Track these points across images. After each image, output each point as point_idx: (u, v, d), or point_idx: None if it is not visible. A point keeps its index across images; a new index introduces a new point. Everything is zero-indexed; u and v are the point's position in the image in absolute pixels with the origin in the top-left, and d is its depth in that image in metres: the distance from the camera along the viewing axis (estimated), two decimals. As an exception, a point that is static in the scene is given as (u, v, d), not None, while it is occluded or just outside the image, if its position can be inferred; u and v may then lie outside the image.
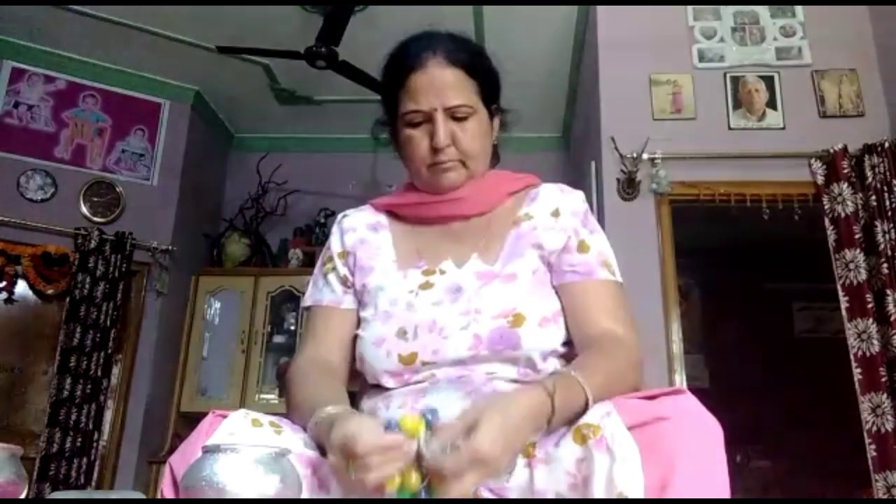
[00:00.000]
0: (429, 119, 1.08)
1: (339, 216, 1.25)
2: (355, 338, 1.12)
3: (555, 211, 1.14)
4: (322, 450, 0.89)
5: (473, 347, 1.00)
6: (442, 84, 1.07)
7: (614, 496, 0.77)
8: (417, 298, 1.07)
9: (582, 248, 1.11)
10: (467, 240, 1.14)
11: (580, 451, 0.84)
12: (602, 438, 0.82)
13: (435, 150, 1.08)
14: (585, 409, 0.87)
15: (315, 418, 0.91)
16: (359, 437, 0.77)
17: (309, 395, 1.01)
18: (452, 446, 0.77)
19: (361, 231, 1.20)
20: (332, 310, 1.16)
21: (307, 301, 1.20)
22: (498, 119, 1.18)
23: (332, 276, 1.18)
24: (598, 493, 0.79)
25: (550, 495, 0.85)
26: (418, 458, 0.79)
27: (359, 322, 1.13)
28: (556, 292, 1.09)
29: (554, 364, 1.04)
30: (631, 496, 0.77)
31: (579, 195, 1.19)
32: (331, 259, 1.20)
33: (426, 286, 1.09)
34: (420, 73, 1.07)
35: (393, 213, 1.22)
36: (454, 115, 1.08)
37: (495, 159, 1.21)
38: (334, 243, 1.21)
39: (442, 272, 1.10)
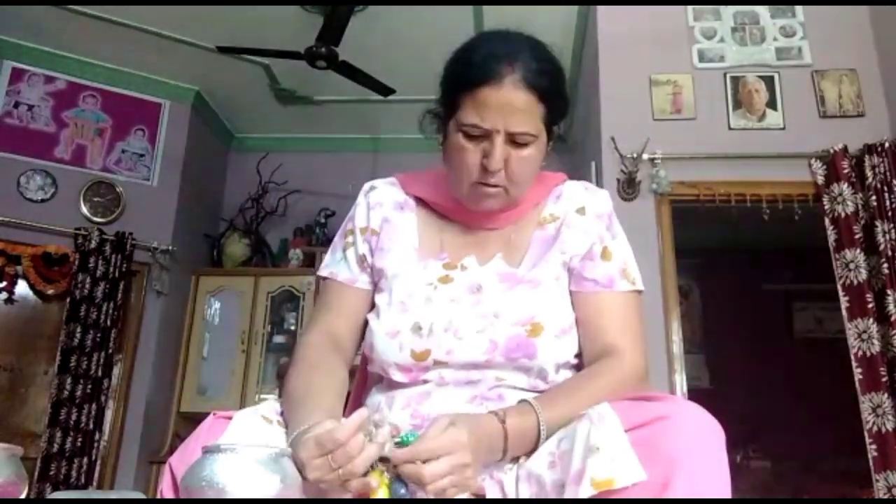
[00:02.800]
0: (487, 136, 1.01)
1: (367, 186, 1.20)
2: (367, 319, 1.11)
3: (580, 209, 1.12)
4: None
5: (488, 352, 0.99)
6: (512, 108, 0.99)
7: (591, 453, 0.78)
8: (436, 292, 1.04)
9: (605, 255, 1.09)
10: (492, 240, 1.12)
11: (562, 432, 0.87)
12: (584, 414, 0.85)
13: (485, 171, 1.02)
14: (538, 437, 0.89)
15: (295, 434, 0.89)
16: (336, 430, 0.79)
17: (300, 399, 0.98)
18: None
19: (387, 209, 1.16)
20: (347, 287, 1.13)
21: (323, 270, 1.17)
22: (553, 139, 1.12)
23: (350, 253, 1.15)
24: (577, 459, 0.80)
25: (527, 478, 0.87)
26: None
27: (372, 305, 1.11)
28: (571, 297, 1.08)
29: (565, 375, 1.03)
30: (605, 449, 0.78)
31: (605, 195, 1.16)
32: (352, 233, 1.16)
33: (446, 280, 1.06)
34: (493, 88, 0.99)
35: (418, 197, 1.18)
36: (514, 140, 1.01)
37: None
38: (359, 217, 1.17)
39: (463, 268, 1.08)
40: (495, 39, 1.06)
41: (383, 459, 0.81)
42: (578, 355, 1.06)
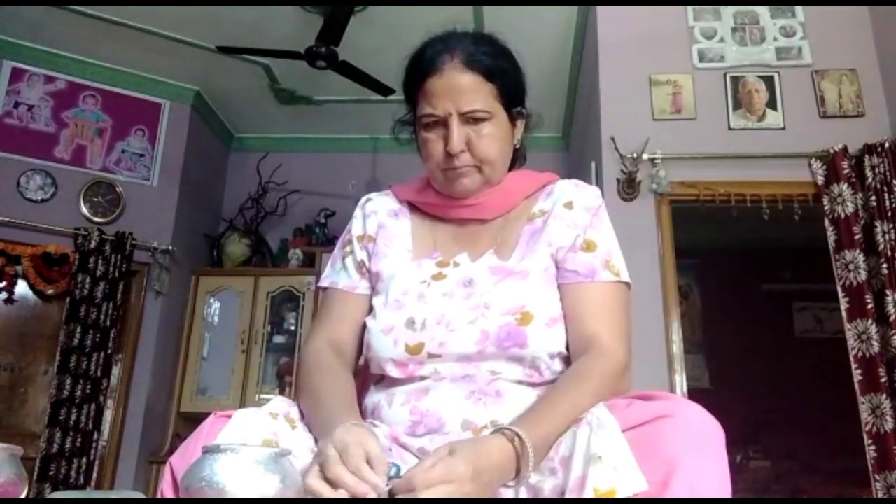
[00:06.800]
0: (444, 123, 1.07)
1: (363, 199, 1.25)
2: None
3: (568, 203, 1.13)
4: None
5: (480, 343, 1.00)
6: (457, 89, 1.06)
7: (592, 461, 0.78)
8: (429, 289, 1.07)
9: (588, 247, 1.10)
10: (483, 237, 1.14)
11: (562, 437, 0.87)
12: (582, 419, 0.85)
13: (449, 155, 1.07)
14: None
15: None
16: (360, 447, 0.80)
17: (323, 401, 0.99)
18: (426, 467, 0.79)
19: (382, 216, 1.20)
20: (348, 294, 1.16)
21: (324, 281, 1.21)
22: (522, 122, 1.17)
23: (349, 261, 1.18)
24: (578, 466, 0.80)
25: (525, 483, 0.86)
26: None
27: (371, 308, 1.13)
28: (559, 289, 1.09)
29: (559, 365, 1.04)
30: (606, 458, 0.78)
31: (594, 191, 1.18)
32: (350, 242, 1.20)
33: (439, 277, 1.09)
34: (436, 77, 1.07)
35: (412, 204, 1.22)
36: (469, 121, 1.07)
37: (521, 160, 1.21)
38: (356, 226, 1.21)
39: (456, 265, 1.10)
40: (439, 39, 1.13)
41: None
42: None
